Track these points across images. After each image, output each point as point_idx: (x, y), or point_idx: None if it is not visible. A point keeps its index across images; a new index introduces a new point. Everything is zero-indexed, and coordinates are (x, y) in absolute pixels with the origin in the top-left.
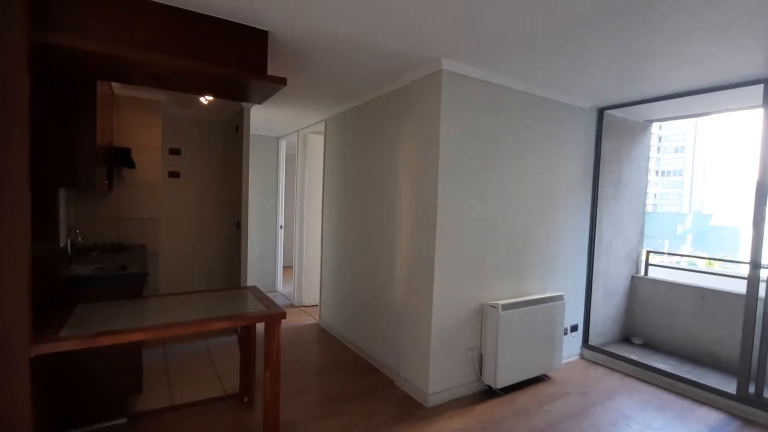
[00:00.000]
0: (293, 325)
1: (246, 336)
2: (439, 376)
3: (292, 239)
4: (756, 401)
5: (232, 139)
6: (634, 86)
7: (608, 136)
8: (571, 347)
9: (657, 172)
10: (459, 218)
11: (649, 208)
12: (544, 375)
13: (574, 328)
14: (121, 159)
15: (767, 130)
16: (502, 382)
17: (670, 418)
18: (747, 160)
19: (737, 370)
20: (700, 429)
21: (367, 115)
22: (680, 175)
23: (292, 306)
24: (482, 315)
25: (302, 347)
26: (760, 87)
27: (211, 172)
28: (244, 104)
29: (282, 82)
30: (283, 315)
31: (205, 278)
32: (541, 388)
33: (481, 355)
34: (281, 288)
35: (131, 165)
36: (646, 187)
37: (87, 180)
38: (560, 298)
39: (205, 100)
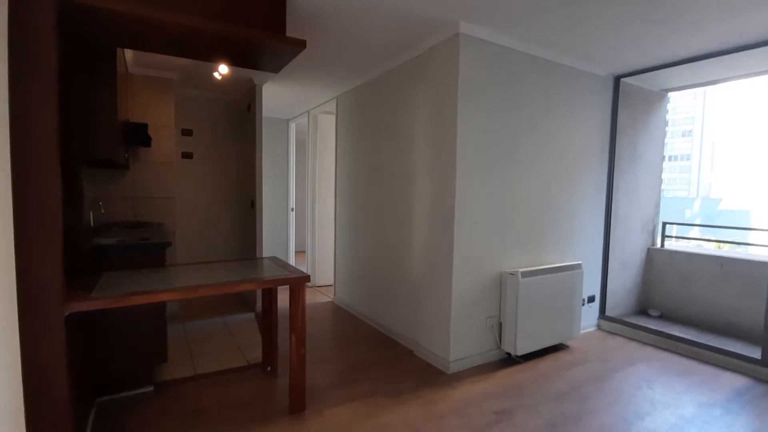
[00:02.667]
0: (309, 303)
1: (268, 305)
2: (460, 344)
3: (304, 223)
4: None
5: (244, 118)
6: (651, 50)
7: (624, 105)
8: (588, 318)
9: (664, 156)
10: (478, 189)
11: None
12: (562, 344)
13: (591, 299)
14: (137, 136)
15: None
16: (521, 349)
17: (694, 382)
18: (758, 138)
19: (762, 335)
20: (726, 393)
21: (381, 88)
22: (688, 159)
23: (308, 286)
24: (501, 283)
25: (320, 323)
26: None
27: (223, 152)
28: (256, 81)
29: (301, 44)
30: (307, 278)
31: (222, 255)
32: (561, 356)
33: (501, 323)
34: None
35: (147, 142)
36: (663, 158)
37: (110, 154)
38: (578, 267)
39: (219, 74)
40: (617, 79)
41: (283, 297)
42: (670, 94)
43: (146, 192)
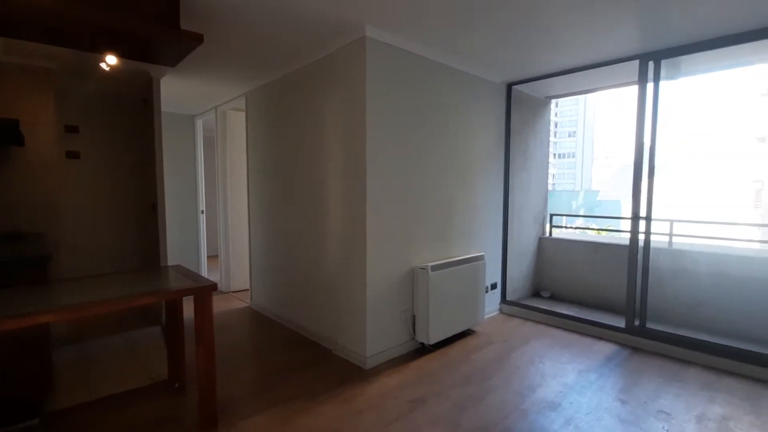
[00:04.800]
0: (223, 310)
1: (172, 317)
2: (376, 338)
3: (216, 225)
4: (640, 331)
5: (141, 113)
6: (534, 63)
7: (516, 110)
8: (491, 303)
9: (554, 155)
10: (387, 188)
11: (549, 187)
12: (470, 329)
13: (493, 286)
14: (5, 134)
15: (641, 105)
16: (434, 338)
17: (575, 353)
18: (624, 138)
19: (625, 308)
20: (599, 359)
21: (292, 86)
22: (573, 157)
23: (220, 293)
24: (413, 277)
25: (235, 330)
26: (636, 63)
27: (118, 151)
28: (152, 73)
29: (198, 39)
30: (214, 287)
31: (120, 266)
32: (468, 341)
33: (414, 316)
34: (206, 276)
35: (20, 141)
36: (548, 157)
37: None
38: (481, 258)
39: (107, 65)
40: (509, 87)
41: (190, 307)
42: (555, 100)
43: (20, 198)
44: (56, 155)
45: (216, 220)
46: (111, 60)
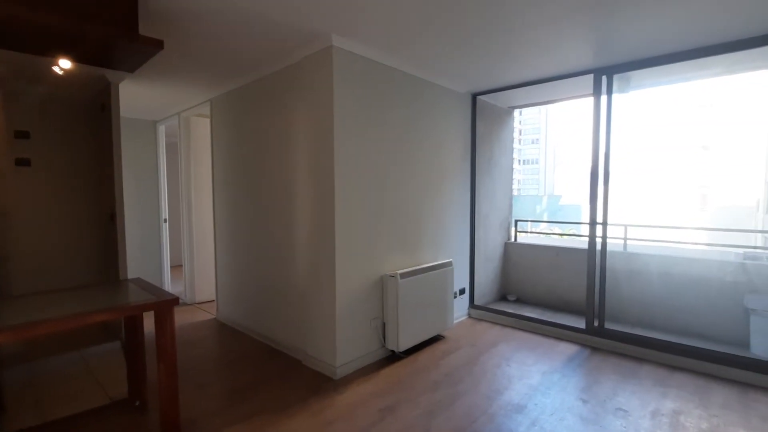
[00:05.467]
0: (187, 323)
1: (132, 333)
2: (346, 348)
3: (180, 234)
4: (600, 332)
5: (98, 119)
6: (497, 75)
7: (481, 119)
8: (460, 308)
9: (519, 161)
10: (356, 196)
11: (514, 192)
12: (439, 335)
13: (462, 292)
14: None
15: (597, 116)
16: (403, 345)
17: (540, 354)
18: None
19: (585, 309)
20: (562, 359)
21: (259, 93)
22: (537, 163)
23: (185, 304)
24: (383, 285)
25: (200, 344)
26: (591, 77)
27: (73, 158)
28: (110, 78)
29: (157, 45)
30: (175, 301)
31: (76, 280)
32: (438, 346)
33: (384, 323)
34: (170, 288)
35: None
36: (512, 164)
37: None
38: (449, 264)
39: (60, 69)
40: (474, 97)
41: (153, 320)
42: (519, 110)
43: None
44: (4, 163)
45: (180, 228)
46: (65, 64)
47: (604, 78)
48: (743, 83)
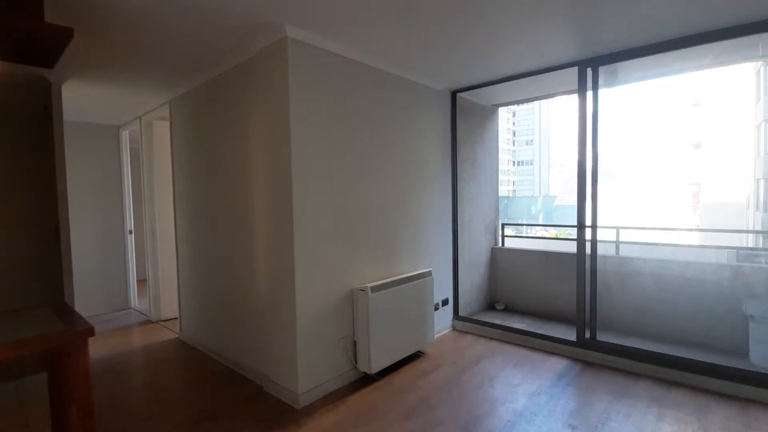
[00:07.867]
0: (149, 343)
1: (56, 367)
2: (311, 372)
3: (145, 246)
4: (591, 344)
5: (41, 124)
6: (476, 70)
7: (462, 118)
8: (443, 320)
9: (514, 162)
10: (320, 201)
11: (510, 193)
12: (419, 351)
13: (445, 302)
14: None
15: (582, 112)
16: (377, 366)
17: (527, 372)
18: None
19: (575, 319)
20: (551, 377)
21: (216, 93)
22: (531, 164)
23: (150, 322)
24: (352, 300)
25: (156, 367)
26: (575, 69)
27: (10, 166)
28: (51, 78)
29: (66, 33)
30: (90, 332)
31: (11, 303)
32: (416, 365)
33: (355, 342)
34: (136, 304)
35: None
36: (498, 165)
37: None
38: (428, 274)
39: None
40: (453, 94)
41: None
42: (512, 110)
43: None
44: None
45: (144, 241)
46: None
47: (589, 70)
48: (730, 78)
